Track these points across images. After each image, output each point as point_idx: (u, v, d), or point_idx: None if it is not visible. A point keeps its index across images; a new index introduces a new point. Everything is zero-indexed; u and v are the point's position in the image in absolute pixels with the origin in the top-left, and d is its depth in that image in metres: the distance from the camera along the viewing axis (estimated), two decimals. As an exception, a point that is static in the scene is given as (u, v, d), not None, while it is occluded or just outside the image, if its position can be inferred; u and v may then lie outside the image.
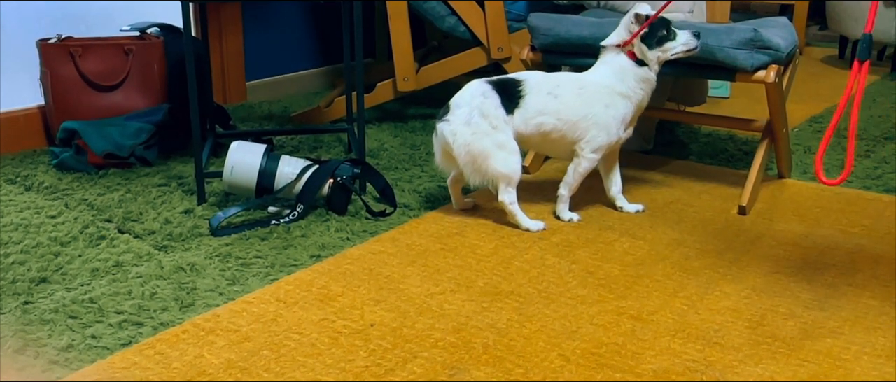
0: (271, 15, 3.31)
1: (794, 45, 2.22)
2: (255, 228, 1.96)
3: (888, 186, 2.31)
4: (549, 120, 1.95)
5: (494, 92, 1.92)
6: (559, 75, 2.03)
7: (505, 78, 1.98)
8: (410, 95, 2.91)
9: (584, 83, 2.00)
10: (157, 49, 2.57)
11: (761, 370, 1.40)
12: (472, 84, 1.96)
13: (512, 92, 1.93)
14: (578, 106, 1.96)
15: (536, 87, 1.95)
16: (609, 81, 1.99)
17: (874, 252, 1.88)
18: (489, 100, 1.91)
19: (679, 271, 1.77)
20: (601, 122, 1.98)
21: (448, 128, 1.92)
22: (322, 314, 1.57)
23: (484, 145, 1.90)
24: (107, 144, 2.36)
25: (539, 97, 1.94)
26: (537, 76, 1.99)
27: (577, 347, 1.46)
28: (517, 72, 2.01)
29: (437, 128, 1.95)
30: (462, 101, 1.93)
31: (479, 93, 1.92)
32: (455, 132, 1.91)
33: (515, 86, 1.94)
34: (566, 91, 1.97)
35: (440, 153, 1.98)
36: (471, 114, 1.90)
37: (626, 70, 1.98)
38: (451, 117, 1.92)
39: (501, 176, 1.92)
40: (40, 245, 1.86)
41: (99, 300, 1.61)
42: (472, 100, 1.91)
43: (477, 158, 1.90)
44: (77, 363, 1.40)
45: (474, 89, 1.94)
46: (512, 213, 1.95)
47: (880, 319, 1.57)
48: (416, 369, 1.39)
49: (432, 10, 2.80)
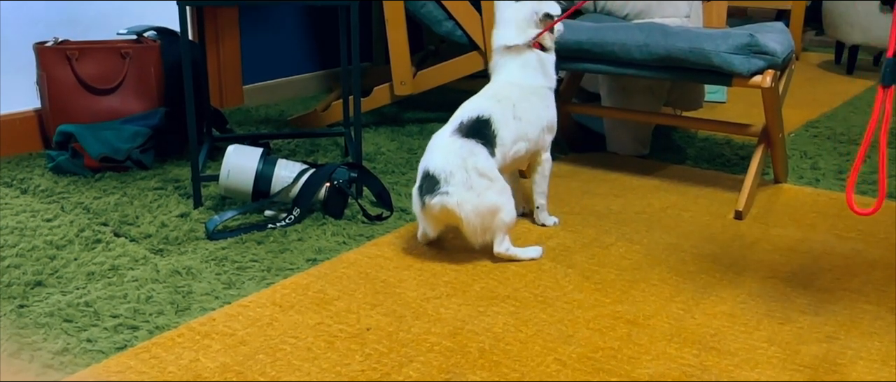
0: (268, 19, 3.31)
1: (791, 50, 2.23)
2: (252, 232, 1.96)
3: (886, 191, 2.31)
4: (523, 144, 1.89)
5: (478, 144, 1.78)
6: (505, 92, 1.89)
7: (470, 120, 1.81)
8: (407, 99, 2.91)
9: (524, 90, 1.91)
10: (153, 52, 2.57)
11: (757, 374, 1.40)
12: (446, 143, 1.79)
13: (486, 133, 1.81)
14: (534, 117, 1.91)
15: (503, 118, 1.84)
16: (540, 80, 1.94)
17: (870, 256, 1.88)
18: (479, 157, 1.77)
19: (675, 275, 1.77)
20: (551, 123, 1.96)
21: (452, 201, 1.74)
22: (318, 318, 1.57)
23: (491, 201, 1.76)
24: (103, 148, 2.35)
25: (509, 127, 1.85)
26: (494, 104, 1.85)
27: (572, 351, 1.46)
28: (471, 106, 1.86)
29: (426, 202, 1.77)
30: (452, 167, 1.75)
31: (466, 153, 1.77)
32: (460, 203, 1.75)
33: (486, 127, 1.81)
34: (524, 107, 1.89)
35: (430, 224, 1.83)
36: (469, 177, 1.75)
37: (544, 62, 1.95)
38: (449, 188, 1.74)
39: (506, 226, 1.80)
40: (36, 248, 1.86)
41: (94, 303, 1.61)
42: (465, 163, 1.76)
43: (486, 217, 1.77)
44: (72, 366, 1.40)
45: (457, 149, 1.77)
46: (513, 256, 1.83)
47: (876, 324, 1.57)
48: (411, 373, 1.39)
49: (429, 14, 2.80)
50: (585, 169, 2.48)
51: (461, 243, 1.92)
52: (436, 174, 1.77)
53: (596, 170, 2.46)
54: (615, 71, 2.23)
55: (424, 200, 1.78)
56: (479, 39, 2.76)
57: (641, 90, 2.56)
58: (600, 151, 2.66)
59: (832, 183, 2.39)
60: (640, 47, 2.15)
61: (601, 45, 2.19)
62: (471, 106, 1.86)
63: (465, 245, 1.91)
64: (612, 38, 2.18)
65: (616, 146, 2.64)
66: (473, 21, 2.75)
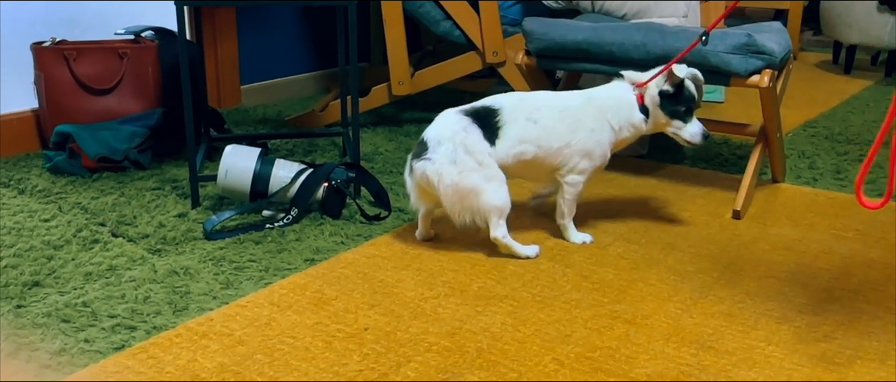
0: (266, 19, 3.30)
1: (788, 49, 2.23)
2: (250, 232, 1.95)
3: (882, 191, 2.31)
4: (530, 148, 1.83)
5: (474, 125, 1.79)
6: (537, 97, 1.91)
7: (480, 106, 1.84)
8: (405, 99, 2.91)
9: (567, 105, 1.88)
10: (151, 52, 2.57)
11: (755, 374, 1.40)
12: (447, 117, 1.82)
13: (489, 122, 1.81)
14: (561, 131, 1.85)
15: (513, 114, 1.82)
16: (604, 105, 1.89)
17: (867, 256, 1.88)
18: (471, 135, 1.78)
19: (673, 275, 1.77)
20: (585, 148, 1.87)
21: (432, 168, 1.76)
22: (316, 318, 1.57)
23: (473, 182, 1.76)
24: (101, 148, 2.35)
25: (518, 125, 1.82)
26: (512, 100, 1.87)
27: (570, 351, 1.46)
28: (491, 98, 1.87)
29: (412, 166, 1.80)
30: (442, 137, 1.78)
31: (459, 128, 1.78)
32: (440, 172, 1.76)
33: (492, 116, 1.81)
34: (546, 115, 1.85)
35: (417, 192, 1.84)
36: (455, 151, 1.76)
37: (627, 106, 1.88)
38: (433, 155, 1.76)
39: (494, 210, 1.79)
40: (33, 248, 1.86)
41: (92, 304, 1.60)
42: (454, 136, 1.77)
43: (466, 197, 1.77)
44: (70, 367, 1.39)
45: (452, 123, 1.80)
46: (506, 246, 1.82)
47: (873, 323, 1.57)
48: (409, 373, 1.39)
49: (427, 14, 2.80)
50: (583, 168, 2.48)
51: (459, 242, 1.92)
52: (427, 141, 1.79)
53: (594, 170, 2.46)
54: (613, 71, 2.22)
55: (411, 164, 1.81)
56: (477, 39, 2.76)
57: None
58: (598, 151, 2.65)
59: (830, 182, 2.39)
60: (638, 47, 2.14)
61: (599, 44, 2.19)
62: (492, 97, 1.88)
63: (462, 245, 1.91)
64: (610, 37, 2.18)
65: (614, 146, 2.63)
66: (471, 21, 2.75)
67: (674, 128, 1.91)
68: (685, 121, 1.90)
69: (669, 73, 1.87)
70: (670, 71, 1.86)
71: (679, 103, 1.88)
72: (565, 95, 1.94)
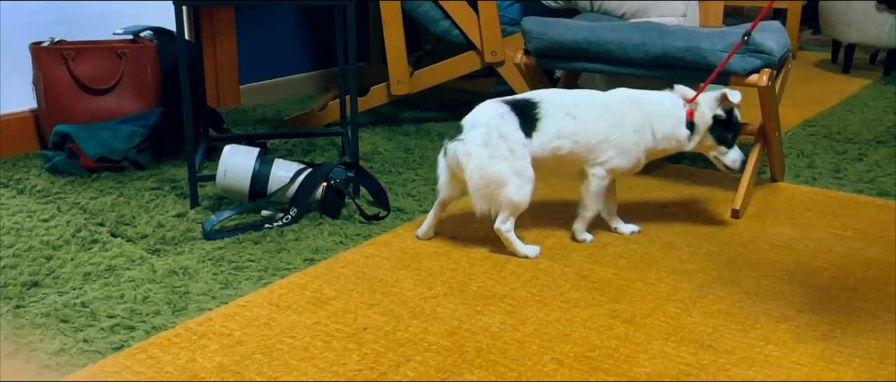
0: (265, 18, 3.30)
1: (787, 48, 2.23)
2: (249, 232, 1.95)
3: (881, 189, 2.32)
4: (567, 143, 1.84)
5: (512, 113, 1.81)
6: (578, 94, 1.92)
7: (520, 98, 1.87)
8: (404, 99, 2.91)
9: (610, 102, 1.89)
10: (150, 52, 2.57)
11: (754, 373, 1.40)
12: (488, 103, 1.85)
13: (528, 114, 1.82)
14: (601, 127, 1.85)
15: (553, 108, 1.84)
16: (652, 111, 1.88)
17: (866, 255, 1.88)
18: (508, 122, 1.80)
19: (672, 274, 1.77)
20: (623, 146, 1.86)
21: (462, 148, 1.79)
22: (315, 318, 1.57)
23: (500, 170, 1.78)
24: (99, 148, 2.35)
25: (557, 119, 1.83)
26: (553, 96, 1.88)
27: (570, 351, 1.46)
28: (531, 92, 1.90)
29: (446, 147, 1.83)
30: (478, 121, 1.81)
31: (496, 114, 1.81)
32: (470, 153, 1.78)
33: (532, 108, 1.83)
34: (586, 111, 1.85)
35: (446, 175, 1.86)
36: (489, 134, 1.78)
37: (674, 119, 1.88)
38: (466, 137, 1.79)
39: (512, 205, 1.80)
40: (32, 248, 1.85)
41: (91, 304, 1.60)
42: (490, 121, 1.79)
43: (491, 183, 1.78)
44: (69, 367, 1.39)
45: (491, 109, 1.83)
46: (509, 241, 1.83)
47: (872, 322, 1.58)
48: (409, 373, 1.39)
49: (426, 13, 2.80)
50: (582, 168, 2.48)
51: (458, 242, 1.92)
52: (464, 124, 1.83)
53: (593, 170, 2.46)
54: (612, 70, 2.23)
55: (445, 146, 1.85)
56: (476, 39, 2.76)
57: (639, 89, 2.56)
58: (597, 150, 2.65)
59: (829, 181, 2.39)
60: (637, 46, 2.15)
61: (598, 44, 2.19)
62: (533, 91, 1.90)
63: (461, 244, 1.91)
64: (609, 37, 2.18)
65: (613, 145, 2.63)
66: (470, 20, 2.75)
67: (717, 153, 1.93)
68: (729, 146, 1.92)
69: (724, 98, 1.88)
70: (725, 95, 1.87)
71: (729, 130, 1.91)
72: (608, 93, 1.93)
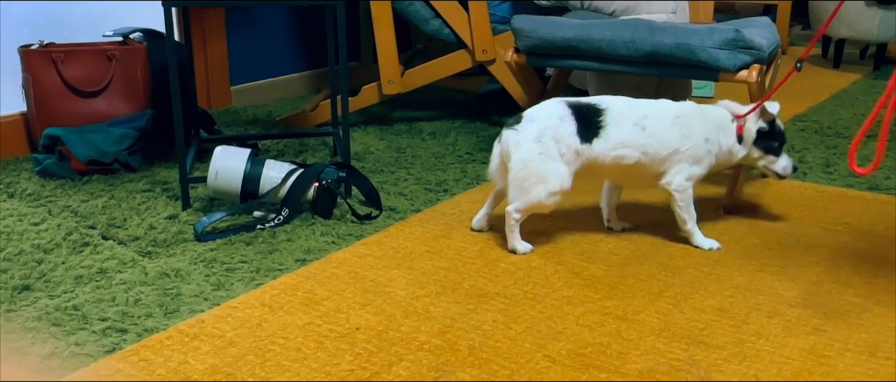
0: (256, 19, 3.30)
1: (776, 44, 2.24)
2: (240, 233, 1.95)
3: (871, 184, 2.33)
4: (633, 153, 1.84)
5: (572, 117, 1.82)
6: (646, 104, 1.91)
7: (586, 103, 1.87)
8: (396, 98, 2.91)
9: (680, 113, 1.89)
10: (140, 54, 2.56)
11: (745, 368, 1.41)
12: (550, 102, 1.86)
13: (592, 120, 1.84)
14: (671, 138, 1.86)
15: (621, 117, 1.85)
16: (718, 123, 1.91)
17: (857, 249, 1.89)
18: (565, 126, 1.82)
19: (664, 271, 1.77)
20: (696, 154, 1.87)
21: (514, 137, 1.82)
22: (307, 318, 1.57)
23: (544, 170, 1.80)
24: (90, 151, 2.34)
25: (623, 128, 1.84)
26: (622, 104, 1.88)
27: (562, 348, 1.47)
28: (597, 97, 1.90)
29: (502, 133, 1.86)
30: (537, 117, 1.83)
31: (556, 115, 1.82)
32: (520, 143, 1.81)
33: (597, 114, 1.84)
34: (656, 123, 1.86)
35: (497, 161, 1.89)
36: (544, 132, 1.80)
37: (731, 133, 1.92)
38: (521, 128, 1.82)
39: (537, 204, 1.83)
40: (23, 252, 1.85)
41: (82, 307, 1.60)
42: (548, 121, 1.82)
43: (531, 178, 1.81)
44: (60, 371, 1.39)
45: (552, 109, 1.84)
46: (510, 229, 1.86)
47: (863, 316, 1.58)
48: (401, 372, 1.39)
49: (417, 12, 2.80)
50: (574, 165, 2.48)
51: (449, 242, 1.92)
52: (524, 115, 1.86)
53: (584, 167, 2.47)
54: (602, 67, 2.23)
55: (502, 131, 1.86)
56: (467, 37, 2.76)
57: (629, 86, 2.56)
58: (589, 148, 2.66)
59: (819, 176, 2.40)
60: (627, 43, 2.15)
61: (588, 41, 2.19)
62: (600, 97, 1.91)
63: (453, 243, 1.91)
64: (599, 34, 2.18)
65: (604, 142, 2.64)
66: (461, 19, 2.75)
67: (765, 162, 1.96)
68: (777, 155, 1.95)
69: (762, 110, 1.92)
70: (763, 108, 1.91)
71: (773, 139, 1.95)
72: (676, 105, 1.94)
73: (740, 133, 1.93)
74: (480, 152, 2.60)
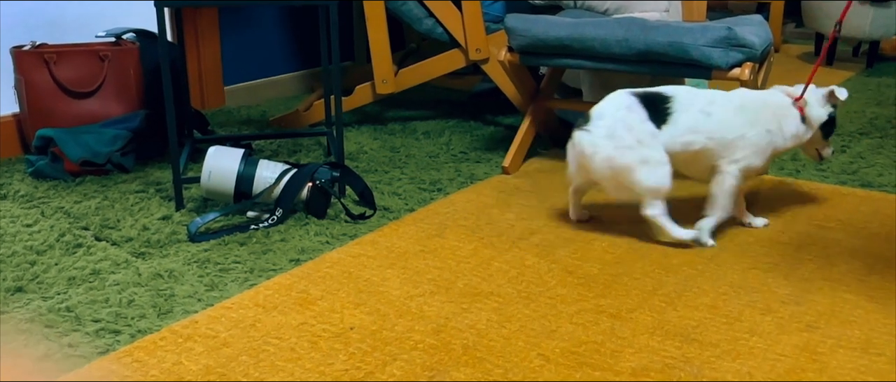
0: (249, 19, 3.29)
1: (769, 42, 2.25)
2: (234, 233, 1.95)
3: (863, 181, 2.33)
4: (700, 138, 1.85)
5: (640, 105, 1.83)
6: (711, 92, 1.92)
7: (651, 91, 1.88)
8: (389, 98, 2.90)
9: (744, 102, 1.90)
10: (132, 55, 2.56)
11: (738, 365, 1.41)
12: (615, 95, 1.87)
13: (660, 107, 1.84)
14: (737, 124, 1.87)
15: (687, 104, 1.85)
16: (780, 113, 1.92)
17: (849, 246, 1.90)
18: (634, 113, 1.82)
19: (658, 269, 1.78)
20: (759, 144, 1.88)
21: (588, 139, 1.82)
22: (301, 318, 1.57)
23: (627, 160, 1.80)
24: (83, 151, 2.34)
25: (690, 114, 1.85)
26: (686, 92, 1.89)
27: (556, 346, 1.47)
28: (662, 87, 1.90)
29: (573, 135, 1.86)
30: (605, 112, 1.84)
31: (623, 106, 1.83)
32: (595, 144, 1.81)
33: (664, 102, 1.85)
34: (721, 110, 1.87)
35: (574, 164, 1.89)
36: (614, 126, 1.81)
37: (795, 117, 1.92)
38: (592, 128, 1.82)
39: (648, 190, 1.82)
40: (16, 254, 1.84)
41: (76, 308, 1.60)
42: (616, 113, 1.83)
43: (620, 173, 1.81)
44: (54, 372, 1.39)
45: (618, 100, 1.85)
46: (658, 226, 1.85)
47: (856, 312, 1.59)
48: (395, 371, 1.39)
49: (410, 12, 2.80)
50: (568, 164, 2.48)
51: (443, 241, 1.92)
52: (592, 113, 1.86)
53: (578, 166, 2.47)
54: (595, 66, 2.24)
55: (573, 133, 1.87)
56: (460, 36, 2.76)
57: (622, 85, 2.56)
58: (583, 146, 2.66)
59: (812, 173, 2.40)
60: (620, 42, 2.15)
61: (581, 40, 2.20)
62: (664, 86, 1.91)
63: (447, 243, 1.91)
64: (592, 33, 2.19)
65: (598, 141, 2.64)
66: (454, 18, 2.75)
67: (819, 146, 2.01)
68: (828, 139, 2.01)
69: (831, 95, 1.94)
70: (832, 92, 1.93)
71: (833, 125, 1.99)
72: (740, 93, 1.95)
73: (803, 115, 1.93)
74: (474, 151, 2.61)
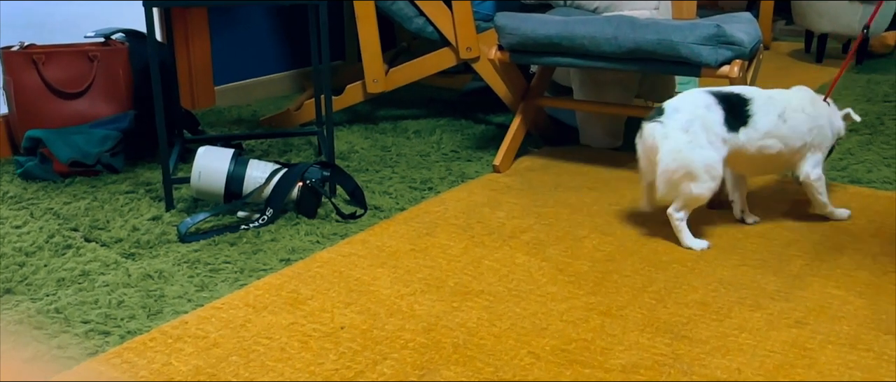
0: (239, 19, 3.28)
1: (758, 39, 2.25)
2: (224, 233, 1.94)
3: (853, 177, 2.34)
4: (776, 143, 1.86)
5: (719, 106, 1.82)
6: (785, 96, 1.93)
7: (729, 92, 1.87)
8: (380, 97, 2.90)
9: (805, 105, 1.92)
10: (121, 55, 2.55)
11: (728, 362, 1.42)
12: (693, 92, 1.86)
13: (739, 109, 1.84)
14: (803, 130, 1.89)
15: (766, 108, 1.86)
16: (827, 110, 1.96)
17: (838, 242, 1.90)
18: (713, 114, 1.81)
19: (648, 266, 1.78)
20: (824, 143, 1.94)
21: (660, 130, 1.80)
22: (292, 318, 1.56)
23: (695, 159, 1.79)
24: (72, 152, 2.33)
25: (769, 118, 1.85)
26: (764, 95, 1.89)
27: (546, 344, 1.47)
28: (738, 87, 1.91)
29: (643, 127, 1.84)
30: (683, 106, 1.82)
31: (702, 104, 1.82)
32: (668, 135, 1.79)
33: (743, 104, 1.85)
34: (794, 116, 1.89)
35: (644, 158, 1.87)
36: (692, 121, 1.80)
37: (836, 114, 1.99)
38: (667, 120, 1.81)
39: (692, 198, 1.83)
40: (4, 255, 1.83)
41: (65, 310, 1.59)
42: (695, 110, 1.81)
43: (682, 169, 1.80)
44: (43, 374, 1.38)
45: (698, 98, 1.84)
46: (678, 230, 1.86)
47: (844, 308, 1.59)
48: (386, 370, 1.39)
49: (400, 11, 2.80)
50: (559, 162, 2.49)
51: (434, 240, 1.92)
52: (665, 106, 1.84)
53: (569, 164, 2.47)
54: (585, 64, 2.24)
55: (643, 126, 1.84)
56: (450, 35, 2.76)
57: (613, 83, 2.57)
58: (573, 144, 2.67)
59: (802, 170, 2.41)
60: (610, 40, 2.16)
61: (571, 38, 2.20)
62: (741, 87, 1.91)
63: (438, 241, 1.91)
64: (582, 31, 2.19)
65: (589, 139, 2.65)
66: (444, 17, 2.75)
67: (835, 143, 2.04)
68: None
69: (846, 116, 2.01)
70: (849, 114, 2.00)
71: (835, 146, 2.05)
72: (802, 95, 1.97)
73: None
74: (465, 150, 2.61)
